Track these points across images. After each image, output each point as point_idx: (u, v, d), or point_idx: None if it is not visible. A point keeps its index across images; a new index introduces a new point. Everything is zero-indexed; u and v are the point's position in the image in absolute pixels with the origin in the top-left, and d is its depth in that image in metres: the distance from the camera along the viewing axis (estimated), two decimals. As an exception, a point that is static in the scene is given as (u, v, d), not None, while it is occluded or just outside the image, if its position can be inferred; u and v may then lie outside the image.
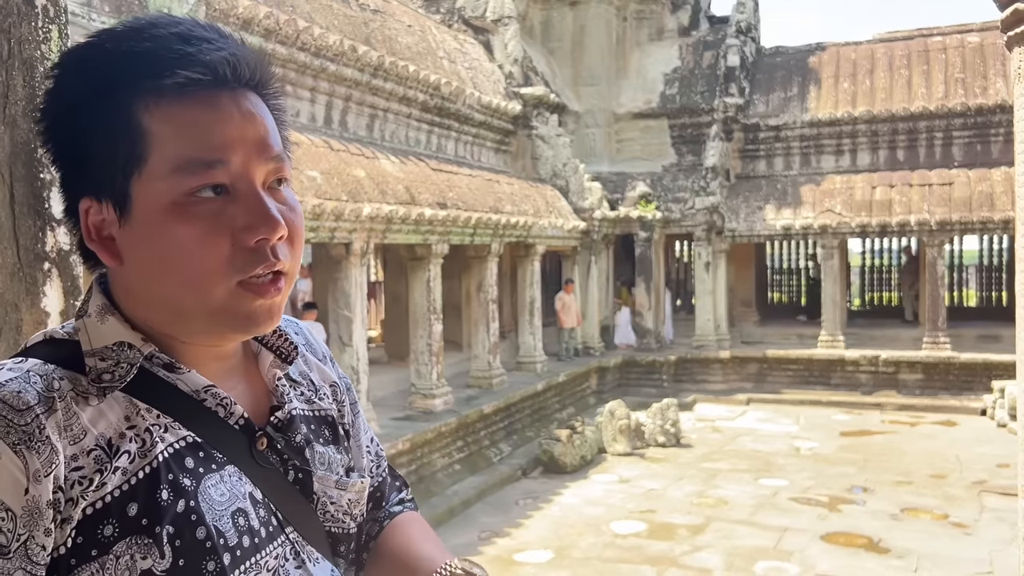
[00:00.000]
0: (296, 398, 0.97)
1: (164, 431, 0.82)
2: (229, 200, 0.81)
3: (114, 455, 0.78)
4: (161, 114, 0.79)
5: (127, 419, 0.81)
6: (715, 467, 10.15)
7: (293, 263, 0.85)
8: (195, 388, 0.85)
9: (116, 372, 0.82)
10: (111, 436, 0.79)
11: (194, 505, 0.80)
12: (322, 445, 0.96)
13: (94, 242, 0.83)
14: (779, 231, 15.20)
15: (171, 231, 0.79)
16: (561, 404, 12.89)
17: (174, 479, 0.80)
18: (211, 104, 0.81)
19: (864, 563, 7.02)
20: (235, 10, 8.36)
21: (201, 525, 0.79)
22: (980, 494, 8.88)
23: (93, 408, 0.80)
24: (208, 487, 0.82)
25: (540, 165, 14.77)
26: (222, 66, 0.81)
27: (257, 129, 0.83)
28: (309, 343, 1.07)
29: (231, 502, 0.83)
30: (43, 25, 1.49)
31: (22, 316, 1.47)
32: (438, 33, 13.58)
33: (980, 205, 13.94)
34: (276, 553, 0.86)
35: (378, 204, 8.92)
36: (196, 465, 0.82)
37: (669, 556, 7.21)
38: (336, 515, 0.95)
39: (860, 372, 14.39)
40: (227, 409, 0.87)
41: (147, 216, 0.80)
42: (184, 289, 0.80)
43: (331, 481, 0.94)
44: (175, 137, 0.79)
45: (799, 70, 16.48)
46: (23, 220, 1.47)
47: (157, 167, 0.79)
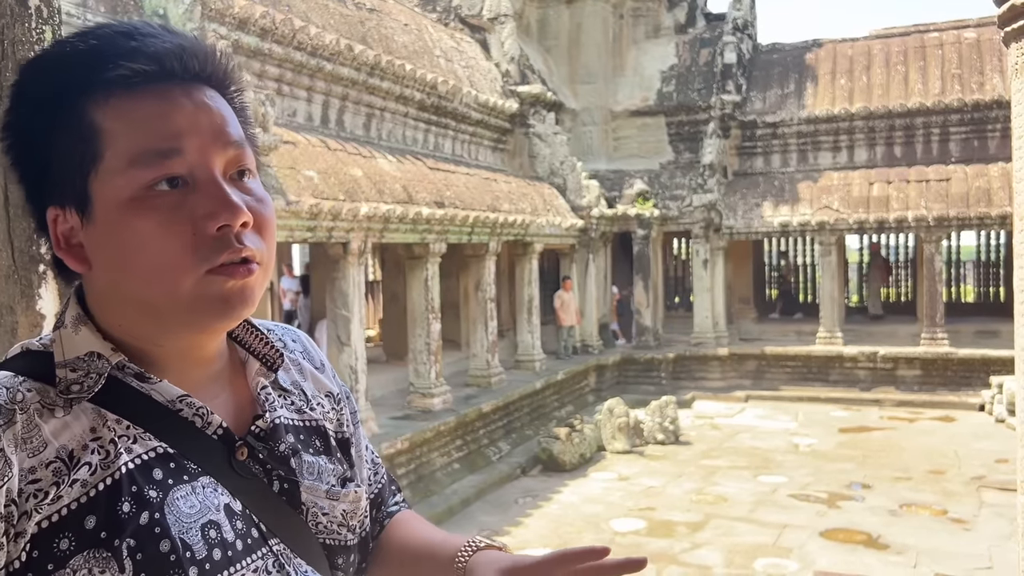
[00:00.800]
0: (284, 407, 0.95)
1: (132, 442, 0.81)
2: (188, 191, 0.79)
3: (74, 467, 0.77)
4: (112, 110, 0.78)
5: (93, 431, 0.79)
6: (714, 464, 10.16)
7: (265, 254, 0.84)
8: (169, 398, 0.84)
9: (85, 383, 0.81)
10: (73, 448, 0.78)
11: (159, 517, 0.78)
12: (312, 455, 0.94)
13: (62, 250, 0.82)
14: (777, 228, 15.21)
15: (131, 226, 0.78)
16: (560, 402, 12.89)
17: (138, 491, 0.78)
18: (162, 96, 0.80)
19: (863, 559, 7.03)
20: (231, 10, 8.35)
21: (165, 538, 0.77)
22: (979, 490, 8.89)
23: (58, 420, 0.78)
24: (176, 499, 0.80)
25: (537, 163, 14.76)
26: (168, 58, 0.80)
27: (212, 118, 0.82)
28: (307, 351, 1.06)
29: (201, 514, 0.80)
30: (37, 26, 1.48)
31: (17, 319, 1.47)
32: (434, 32, 13.57)
33: (977, 201, 13.95)
34: (255, 566, 0.84)
35: (375, 203, 8.91)
36: (165, 476, 0.80)
37: (669, 553, 7.22)
38: (330, 526, 0.93)
39: (858, 368, 14.41)
40: (204, 419, 0.85)
41: (107, 214, 0.79)
42: (151, 284, 0.79)
43: (321, 491, 0.92)
44: (128, 131, 0.78)
45: (796, 67, 16.48)
46: (18, 222, 1.46)
47: (112, 163, 0.78)
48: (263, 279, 0.84)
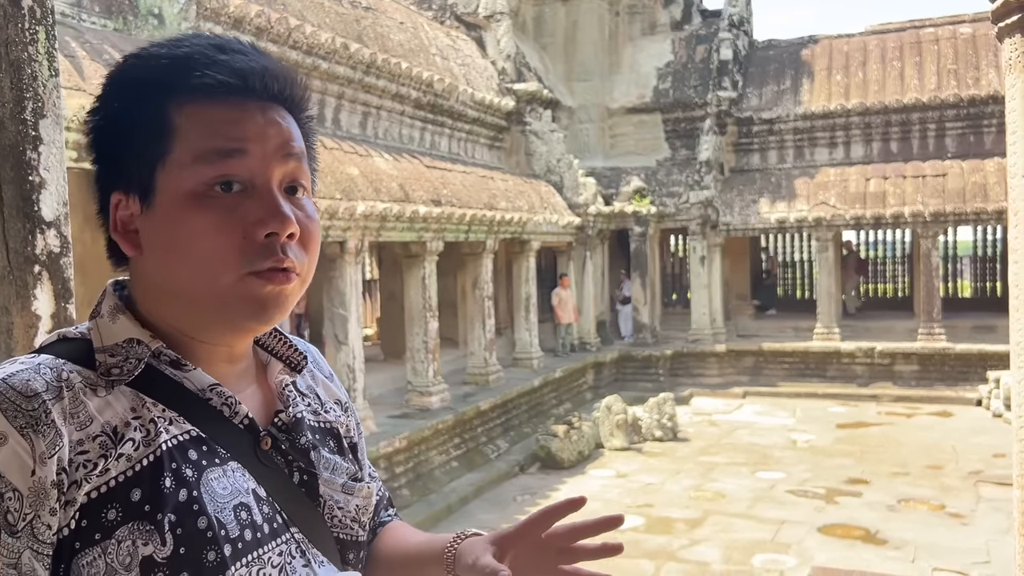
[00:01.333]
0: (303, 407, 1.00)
1: (169, 424, 0.85)
2: (244, 196, 0.85)
3: (119, 442, 0.81)
4: (190, 111, 0.84)
5: (133, 410, 0.84)
6: (712, 461, 10.17)
7: (306, 266, 0.89)
8: (200, 386, 0.88)
9: (124, 367, 0.85)
10: (116, 424, 0.82)
11: (196, 495, 0.81)
12: (329, 453, 0.99)
13: (118, 233, 0.88)
14: (774, 224, 15.22)
15: (187, 218, 0.83)
16: (558, 400, 12.90)
17: (177, 468, 0.82)
18: (237, 107, 0.86)
19: (861, 554, 7.04)
20: (226, 9, 8.33)
21: (202, 515, 0.81)
22: (976, 484, 8.91)
23: (100, 399, 0.82)
24: (211, 479, 0.84)
25: (534, 161, 14.76)
26: (252, 76, 0.86)
27: (280, 131, 0.88)
28: (316, 361, 1.11)
29: (233, 496, 0.85)
30: (30, 27, 1.48)
31: (13, 319, 1.47)
32: (430, 30, 13.56)
33: (974, 196, 13.97)
34: (280, 549, 0.87)
35: (372, 202, 8.91)
36: (199, 457, 0.84)
37: (667, 550, 7.23)
38: (344, 521, 0.96)
39: (856, 364, 14.43)
40: (231, 408, 0.89)
41: (167, 204, 0.84)
42: (195, 275, 0.84)
43: (337, 485, 0.96)
44: (199, 131, 0.84)
45: (792, 63, 16.48)
46: (12, 223, 1.46)
47: (180, 157, 0.84)
48: (300, 289, 0.89)
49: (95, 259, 6.73)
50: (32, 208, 1.49)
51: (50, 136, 1.51)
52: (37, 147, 1.49)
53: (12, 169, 1.46)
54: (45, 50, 1.51)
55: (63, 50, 5.66)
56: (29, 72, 1.48)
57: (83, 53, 5.97)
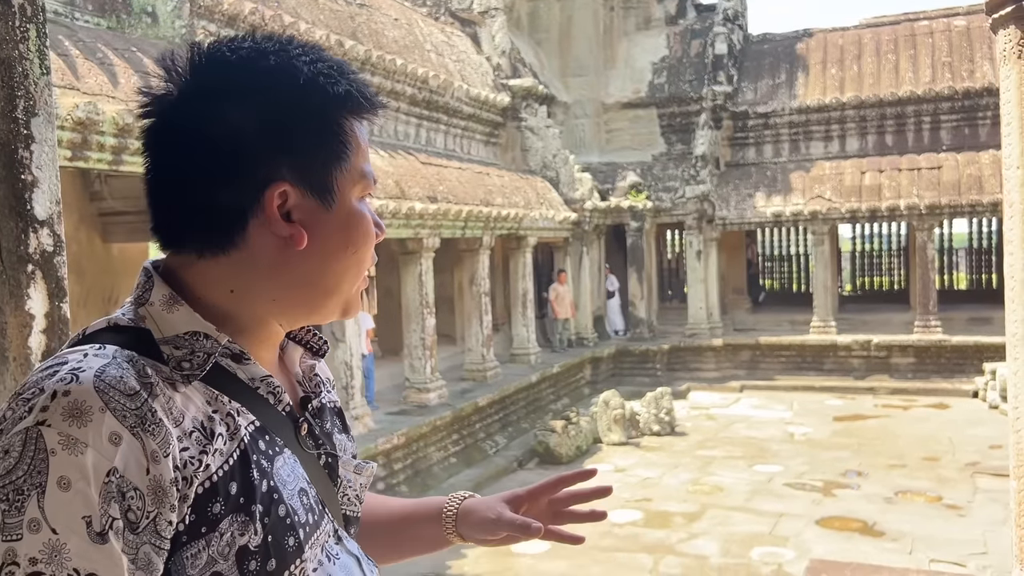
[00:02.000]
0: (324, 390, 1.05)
1: (238, 415, 0.87)
2: None
3: (211, 437, 0.83)
4: (354, 129, 0.93)
5: (209, 403, 0.85)
6: (710, 454, 10.19)
7: None
8: (251, 377, 0.90)
9: (193, 360, 0.85)
10: (203, 419, 0.83)
11: (274, 484, 0.86)
12: (338, 433, 1.04)
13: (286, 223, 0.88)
14: (770, 218, 15.23)
15: (362, 222, 0.92)
16: (556, 395, 12.91)
17: (257, 460, 0.85)
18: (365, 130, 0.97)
19: (859, 546, 7.06)
20: (220, 6, 8.31)
21: (281, 503, 0.86)
22: (973, 476, 8.94)
23: (181, 394, 0.83)
24: (279, 468, 0.88)
25: (530, 157, 14.75)
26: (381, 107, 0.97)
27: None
28: None
29: (295, 482, 0.89)
30: (20, 24, 1.47)
31: (6, 319, 1.46)
32: (425, 26, 13.53)
33: (969, 188, 13.99)
34: (327, 531, 0.93)
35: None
36: (266, 447, 0.88)
37: (666, 544, 7.24)
38: (351, 498, 1.01)
39: (852, 357, 14.45)
40: (276, 396, 0.92)
41: (345, 207, 0.91)
42: (352, 272, 0.93)
43: (351, 466, 1.02)
44: (360, 149, 0.93)
45: (787, 57, 16.48)
46: (5, 222, 1.45)
47: (354, 170, 0.92)
48: None
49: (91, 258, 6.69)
50: (25, 207, 1.48)
51: (42, 134, 1.51)
52: (29, 145, 1.49)
53: (4, 168, 1.45)
54: (36, 48, 1.50)
55: (56, 49, 5.64)
56: (20, 70, 1.47)
57: (76, 52, 5.95)
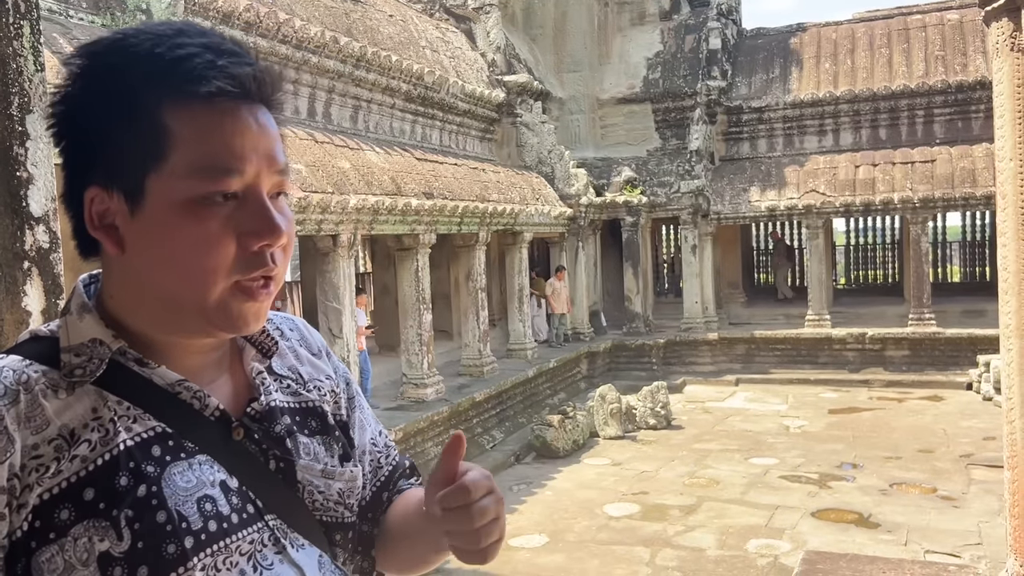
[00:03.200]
0: (280, 390, 1.00)
1: (132, 421, 0.86)
2: (237, 206, 0.85)
3: (74, 444, 0.82)
4: (187, 118, 0.83)
5: (94, 411, 0.85)
6: (706, 448, 10.22)
7: (282, 269, 0.90)
8: (168, 382, 0.89)
9: (88, 367, 0.86)
10: (74, 426, 0.83)
11: (156, 490, 0.83)
12: (307, 436, 0.99)
13: (97, 230, 0.86)
14: (764, 212, 15.25)
15: (182, 228, 0.83)
16: (552, 390, 12.93)
17: (135, 466, 0.83)
18: (233, 114, 0.85)
19: (855, 538, 7.10)
20: (215, 3, 8.29)
21: (162, 509, 0.82)
22: (967, 467, 8.98)
23: (60, 400, 0.84)
24: (173, 474, 0.85)
25: (525, 152, 14.75)
26: (249, 80, 0.86)
27: (269, 142, 0.88)
28: (304, 339, 1.10)
29: (198, 488, 0.86)
30: (14, 21, 1.48)
31: (3, 316, 1.47)
32: (420, 22, 13.51)
33: (962, 181, 14.02)
34: (251, 538, 0.89)
35: (364, 195, 8.89)
36: (163, 453, 0.86)
37: (663, 536, 7.27)
38: (327, 504, 0.97)
39: (847, 350, 14.50)
40: (201, 401, 0.90)
41: (159, 211, 0.83)
42: (185, 284, 0.84)
43: (316, 470, 0.97)
44: (197, 141, 0.83)
45: (781, 51, 16.49)
46: (1, 219, 1.46)
47: (177, 166, 0.83)
48: (274, 296, 0.91)
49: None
50: (20, 204, 1.49)
51: (37, 131, 1.51)
52: (24, 142, 1.49)
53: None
54: (31, 45, 1.51)
55: (51, 46, 5.63)
56: (15, 67, 1.48)
57: (71, 49, 5.94)
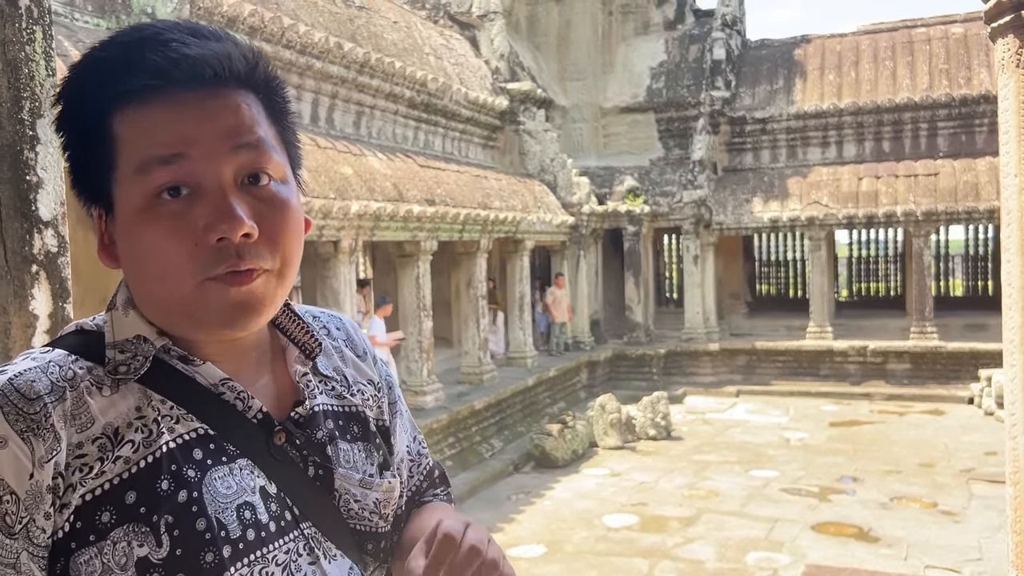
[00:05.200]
0: (324, 393, 0.97)
1: (175, 422, 0.84)
2: (193, 200, 0.81)
3: (118, 444, 0.81)
4: (126, 119, 0.81)
5: (138, 409, 0.83)
6: (706, 459, 10.20)
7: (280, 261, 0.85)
8: (212, 381, 0.87)
9: (132, 364, 0.85)
10: (119, 425, 0.82)
11: (196, 496, 0.81)
12: (348, 442, 0.96)
13: (103, 247, 0.87)
14: (767, 223, 15.26)
15: (140, 232, 0.81)
16: (552, 399, 12.91)
17: (177, 470, 0.82)
18: (170, 105, 0.81)
19: (854, 552, 7.07)
20: (220, 8, 8.32)
21: (202, 516, 0.80)
22: (968, 482, 8.95)
23: (105, 398, 0.82)
24: (214, 479, 0.83)
25: (528, 160, 14.77)
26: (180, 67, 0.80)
27: (222, 121, 0.82)
28: (350, 339, 1.07)
29: (238, 495, 0.84)
30: (27, 26, 1.48)
31: (10, 319, 1.47)
32: (424, 29, 13.55)
33: (966, 195, 14.03)
34: (287, 548, 0.86)
35: (366, 201, 8.90)
36: (204, 457, 0.84)
37: (661, 548, 7.25)
38: (361, 514, 0.94)
39: (849, 363, 14.48)
40: (245, 403, 0.88)
41: (124, 220, 0.83)
42: (157, 287, 0.83)
43: (354, 480, 0.94)
44: (136, 139, 0.81)
45: (785, 63, 16.53)
46: (10, 223, 1.46)
47: (124, 170, 0.81)
48: (278, 286, 0.86)
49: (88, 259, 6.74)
50: (29, 208, 1.49)
51: (47, 136, 1.51)
52: (34, 147, 1.49)
53: (9, 169, 1.46)
54: (42, 49, 1.51)
55: (57, 49, 5.64)
56: (26, 72, 1.48)
57: (76, 53, 5.96)
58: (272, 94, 0.90)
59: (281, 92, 0.92)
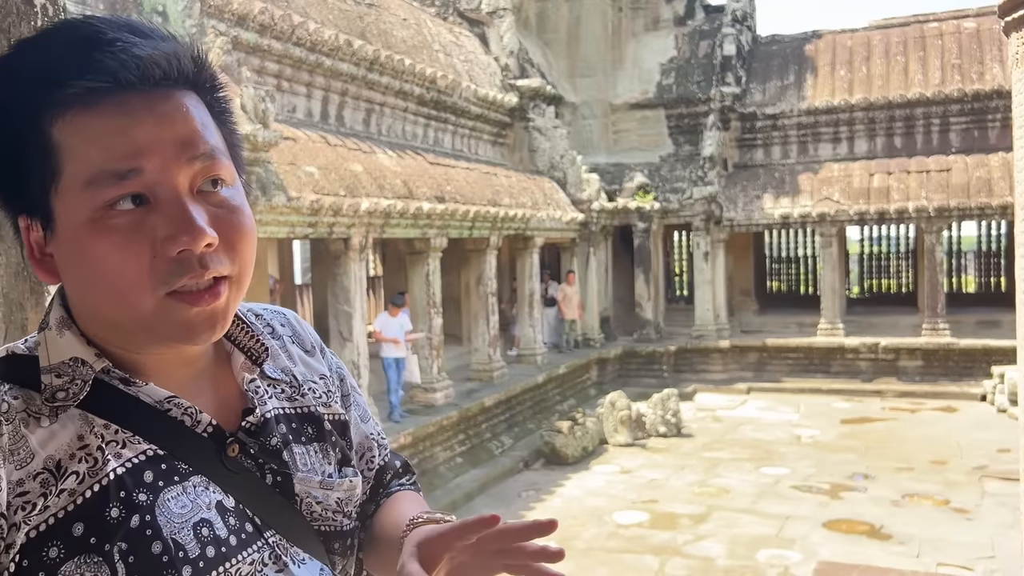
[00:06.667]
0: (275, 397, 0.94)
1: (121, 447, 0.80)
2: (149, 210, 0.76)
3: (61, 477, 0.76)
4: (69, 126, 0.75)
5: (80, 438, 0.79)
6: (716, 456, 10.18)
7: (238, 267, 0.81)
8: (157, 399, 0.83)
9: (70, 389, 0.79)
10: (60, 458, 0.77)
11: (149, 519, 0.77)
12: (303, 444, 0.93)
13: (34, 260, 0.80)
14: (777, 220, 15.20)
15: (90, 246, 0.75)
16: (562, 396, 12.91)
17: (126, 496, 0.78)
18: (120, 110, 0.75)
19: (866, 549, 7.05)
20: (230, 6, 8.34)
21: (157, 539, 0.77)
22: (981, 479, 8.91)
23: (44, 429, 0.77)
24: (167, 500, 0.79)
25: (537, 157, 14.75)
26: (122, 70, 0.75)
27: (176, 129, 0.78)
28: (296, 334, 1.03)
29: (193, 513, 0.80)
30: (42, 24, 1.49)
31: (27, 315, 1.48)
32: (433, 26, 13.55)
33: (978, 191, 13.94)
34: (251, 559, 0.83)
35: (376, 199, 8.92)
36: (155, 479, 0.80)
37: (672, 545, 7.24)
38: (325, 514, 0.93)
39: (860, 359, 14.42)
40: (193, 418, 0.84)
41: (68, 232, 0.76)
42: (112, 304, 0.77)
43: (315, 482, 0.92)
44: (84, 149, 0.75)
45: (795, 58, 16.45)
46: (26, 220, 1.47)
47: (71, 181, 0.75)
48: (236, 296, 0.83)
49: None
50: (45, 205, 1.50)
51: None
52: (50, 144, 1.50)
53: (25, 166, 1.47)
54: (57, 48, 1.52)
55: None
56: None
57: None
58: (215, 93, 0.85)
59: (224, 92, 0.86)
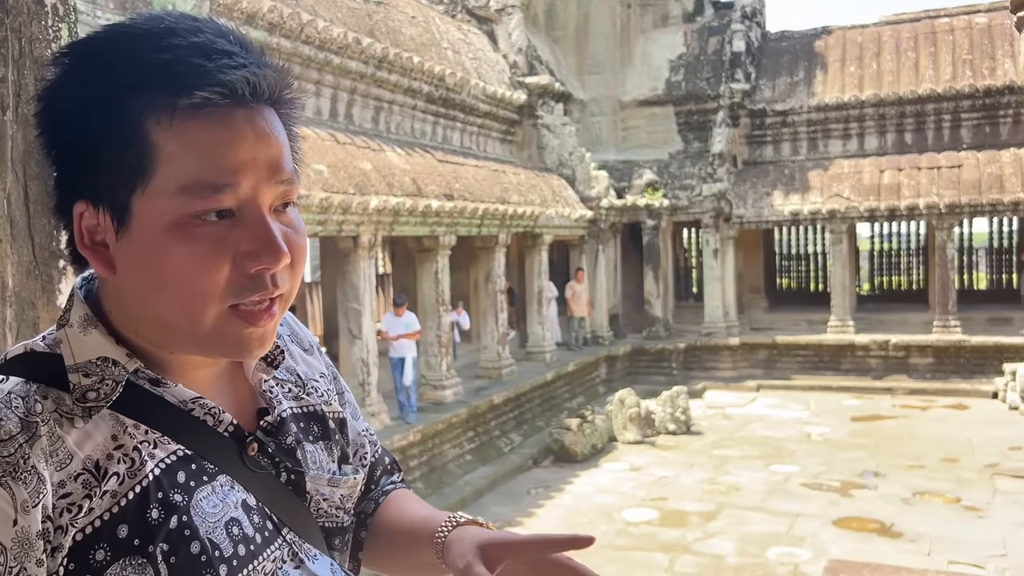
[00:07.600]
0: (285, 397, 0.96)
1: (153, 447, 0.80)
2: (234, 223, 0.77)
3: (102, 478, 0.77)
4: (173, 131, 0.75)
5: (114, 438, 0.79)
6: (726, 454, 10.16)
7: (292, 286, 0.83)
8: (182, 399, 0.84)
9: (101, 390, 0.79)
10: (98, 458, 0.77)
11: (186, 520, 0.79)
12: (311, 443, 0.95)
13: (86, 248, 0.79)
14: (787, 217, 15.15)
15: (171, 250, 0.76)
16: (571, 393, 12.90)
17: (164, 496, 0.79)
18: (225, 124, 0.77)
19: (876, 547, 7.02)
20: (239, 4, 8.36)
21: (195, 540, 0.78)
22: (992, 477, 8.86)
23: (79, 430, 0.77)
24: (200, 500, 0.81)
25: (546, 154, 14.74)
26: (241, 85, 0.76)
27: (270, 151, 0.79)
28: (295, 333, 1.05)
29: (224, 512, 0.82)
30: (53, 24, 1.49)
31: (39, 314, 1.48)
32: (442, 24, 13.55)
33: (989, 187, 13.86)
34: (274, 556, 0.85)
35: (385, 196, 8.93)
36: (188, 479, 0.81)
37: (681, 543, 7.23)
38: (329, 511, 0.95)
39: (870, 357, 14.36)
40: (216, 418, 0.85)
41: (147, 232, 0.76)
42: (176, 309, 0.78)
43: (323, 480, 0.94)
44: (185, 156, 0.75)
45: (805, 54, 16.38)
46: (38, 218, 1.48)
47: (163, 184, 0.75)
48: (282, 313, 0.84)
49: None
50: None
51: (73, 132, 1.53)
52: (61, 143, 1.50)
53: (37, 165, 1.48)
54: (68, 47, 1.52)
55: (78, 47, 5.69)
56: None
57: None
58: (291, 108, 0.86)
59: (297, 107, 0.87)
